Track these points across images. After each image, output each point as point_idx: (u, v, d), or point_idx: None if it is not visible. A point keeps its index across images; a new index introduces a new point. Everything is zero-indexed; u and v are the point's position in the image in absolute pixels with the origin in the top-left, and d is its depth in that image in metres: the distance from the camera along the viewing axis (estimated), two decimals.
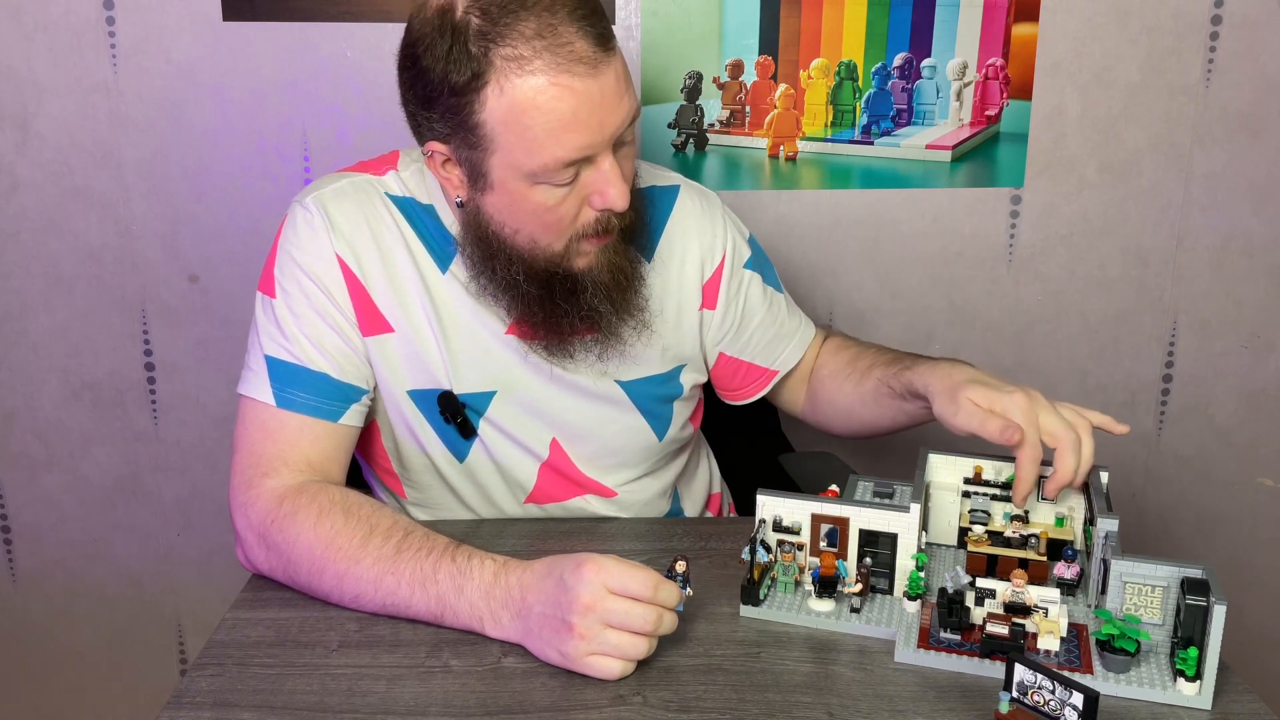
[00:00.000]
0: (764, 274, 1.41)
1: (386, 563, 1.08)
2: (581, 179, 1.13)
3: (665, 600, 1.00)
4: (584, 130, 1.09)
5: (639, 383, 1.33)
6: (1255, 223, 1.90)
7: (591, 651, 0.99)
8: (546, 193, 1.13)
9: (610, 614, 0.98)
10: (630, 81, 1.14)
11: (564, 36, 1.06)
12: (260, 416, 1.19)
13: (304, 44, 1.73)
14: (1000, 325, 1.93)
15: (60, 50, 1.72)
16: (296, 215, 1.23)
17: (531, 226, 1.16)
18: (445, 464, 1.30)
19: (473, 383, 1.26)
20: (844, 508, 1.11)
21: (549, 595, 1.01)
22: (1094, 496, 1.12)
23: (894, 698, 0.98)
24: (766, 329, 1.40)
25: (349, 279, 1.22)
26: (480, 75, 1.08)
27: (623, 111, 1.11)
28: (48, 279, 1.81)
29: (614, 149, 1.13)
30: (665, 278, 1.32)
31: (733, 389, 1.43)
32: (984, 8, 1.77)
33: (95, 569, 1.95)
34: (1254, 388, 1.97)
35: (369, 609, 1.10)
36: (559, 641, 1.00)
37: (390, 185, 1.26)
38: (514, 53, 1.06)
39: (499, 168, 1.12)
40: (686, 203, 1.35)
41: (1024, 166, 1.85)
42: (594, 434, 1.32)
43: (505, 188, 1.14)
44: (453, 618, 1.06)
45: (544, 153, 1.09)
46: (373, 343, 1.24)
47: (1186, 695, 0.97)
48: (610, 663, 0.99)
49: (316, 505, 1.13)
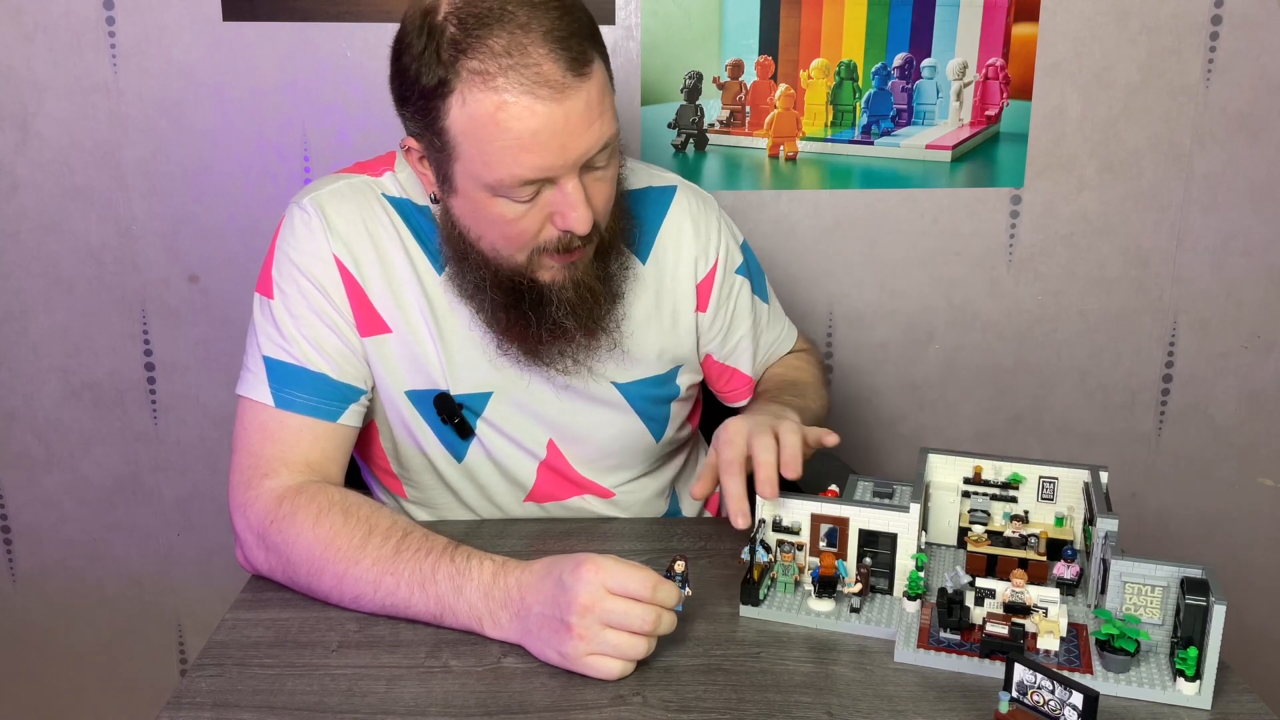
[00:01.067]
0: (753, 282, 1.42)
1: (385, 563, 1.08)
2: (543, 197, 1.12)
3: (664, 600, 1.00)
4: (543, 152, 1.08)
5: (636, 384, 1.33)
6: (1255, 223, 1.90)
7: (591, 652, 0.99)
8: (507, 206, 1.13)
9: (609, 614, 0.98)
10: (608, 108, 1.12)
11: (532, 57, 1.05)
12: (259, 418, 1.19)
13: (304, 44, 1.73)
14: (1000, 325, 1.93)
15: (60, 50, 1.72)
16: (294, 216, 1.23)
17: (492, 235, 1.16)
18: (444, 463, 1.30)
19: (469, 383, 1.27)
20: (844, 508, 1.11)
21: (548, 596, 1.01)
22: (1093, 496, 1.12)
23: (894, 698, 0.98)
24: (750, 338, 1.41)
25: (346, 280, 1.22)
26: (447, 83, 1.08)
27: (591, 138, 1.10)
28: (48, 279, 1.81)
29: (583, 172, 1.12)
30: (661, 278, 1.32)
31: (724, 391, 1.45)
32: (984, 8, 1.77)
33: (95, 569, 1.95)
34: (1254, 388, 1.97)
35: (368, 609, 1.10)
36: (558, 642, 1.00)
37: (387, 186, 1.26)
38: (480, 66, 1.06)
39: (461, 175, 1.13)
40: (683, 203, 1.35)
41: (1024, 166, 1.85)
42: (590, 436, 1.32)
43: (468, 195, 1.14)
44: (452, 618, 1.06)
45: (501, 169, 1.09)
46: (370, 343, 1.24)
47: (1186, 695, 0.97)
48: (610, 663, 0.99)
49: (315, 506, 1.13)
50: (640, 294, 1.30)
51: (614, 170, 1.18)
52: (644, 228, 1.31)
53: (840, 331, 1.92)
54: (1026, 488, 1.20)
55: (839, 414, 1.95)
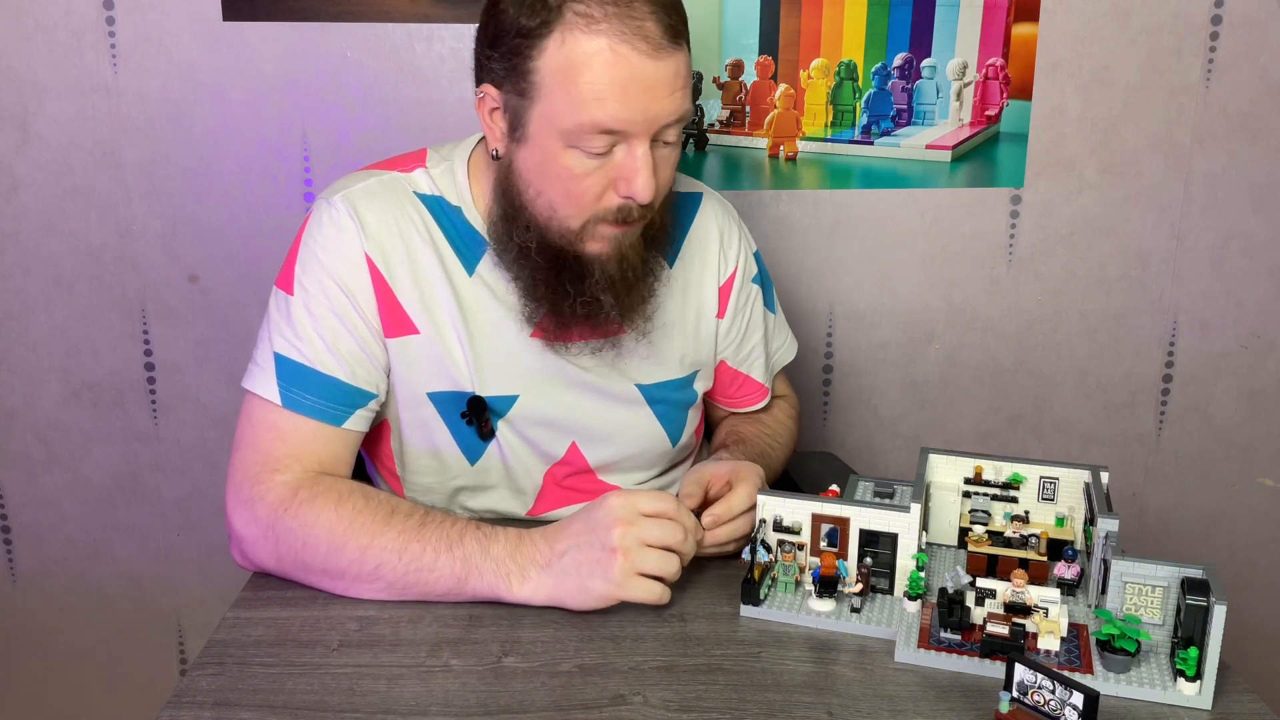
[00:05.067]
0: (765, 291, 1.45)
1: (412, 532, 1.11)
2: (613, 157, 1.13)
3: (687, 520, 1.09)
4: (627, 105, 1.10)
5: (658, 386, 1.33)
6: (1255, 223, 1.90)
7: (636, 570, 1.05)
8: (576, 159, 1.13)
9: (646, 531, 1.06)
10: (689, 86, 1.14)
11: (637, 12, 1.09)
12: (269, 416, 1.19)
13: (304, 44, 1.73)
14: (1000, 325, 1.93)
15: (60, 50, 1.72)
16: (323, 213, 1.22)
17: (554, 192, 1.16)
18: (455, 465, 1.29)
19: (496, 386, 1.26)
20: (844, 508, 1.11)
21: (579, 533, 1.08)
22: (1094, 496, 1.12)
23: (894, 698, 0.98)
24: (763, 346, 1.44)
25: (376, 280, 1.21)
26: (549, 23, 1.10)
27: (672, 105, 1.12)
28: (48, 279, 1.81)
29: (653, 143, 1.14)
30: (687, 283, 1.34)
31: (733, 397, 1.46)
32: (984, 8, 1.77)
33: (95, 569, 1.95)
34: (1254, 388, 1.97)
35: (388, 579, 1.10)
36: (602, 571, 1.05)
37: (419, 183, 1.26)
38: (586, 10, 1.09)
39: (538, 119, 1.13)
40: (709, 210, 1.37)
41: (1024, 166, 1.85)
42: (614, 437, 1.32)
43: (539, 142, 1.14)
44: (477, 578, 1.09)
45: (583, 112, 1.10)
46: (396, 344, 1.23)
47: (1186, 695, 0.97)
48: (651, 585, 1.06)
49: (336, 491, 1.14)
50: (668, 296, 1.32)
51: (678, 154, 1.20)
52: (672, 233, 1.32)
53: (840, 331, 1.92)
54: (1027, 488, 1.20)
55: (839, 414, 1.96)
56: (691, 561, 1.13)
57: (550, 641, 1.06)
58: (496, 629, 1.08)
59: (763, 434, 1.45)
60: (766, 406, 1.49)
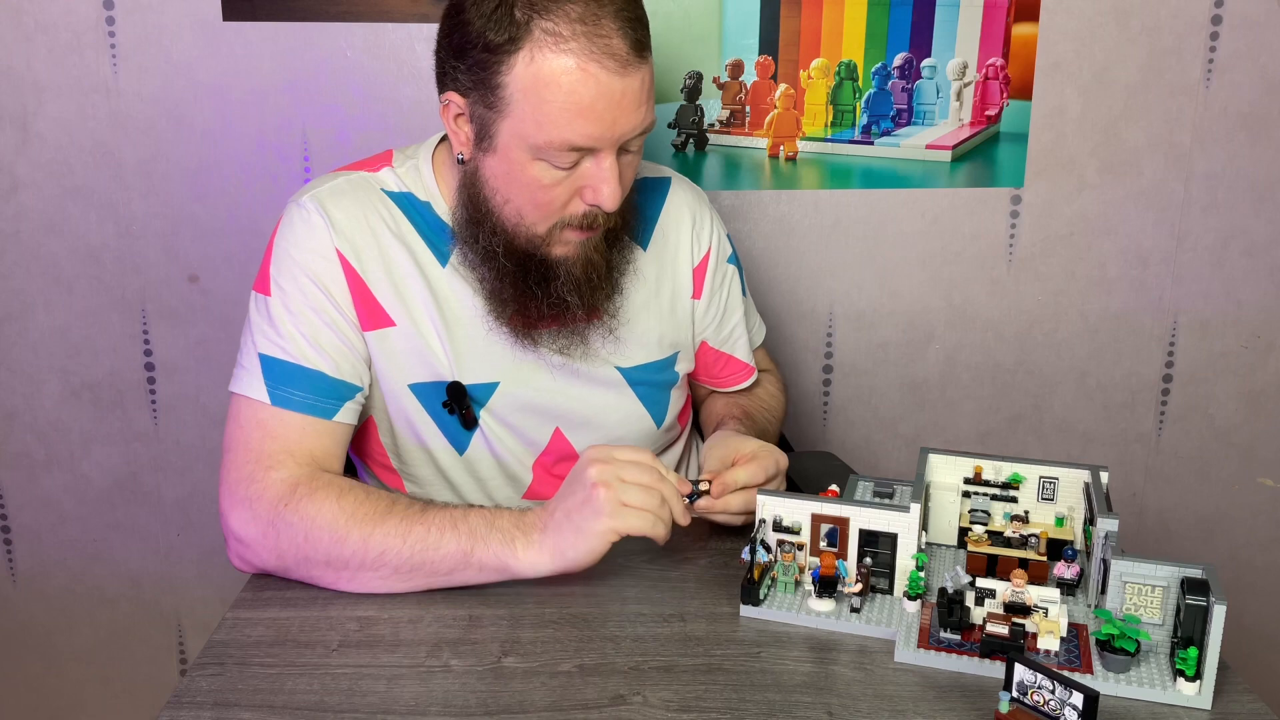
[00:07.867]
0: (740, 273, 1.47)
1: (415, 517, 1.12)
2: (580, 169, 1.16)
3: (661, 467, 1.12)
4: (596, 122, 1.11)
5: (639, 369, 1.35)
6: (1255, 223, 1.90)
7: (621, 501, 1.08)
8: (544, 170, 1.15)
9: (623, 469, 1.10)
10: (652, 96, 1.16)
11: (605, 29, 1.10)
12: (258, 415, 1.19)
13: (304, 44, 1.73)
14: (1000, 325, 1.93)
15: (60, 50, 1.72)
16: (293, 214, 1.24)
17: (521, 200, 1.18)
18: (445, 457, 1.31)
19: (476, 374, 1.28)
20: (844, 508, 1.11)
21: (564, 490, 1.13)
22: (1094, 496, 1.12)
23: (894, 698, 0.98)
24: (744, 325, 1.47)
25: (349, 275, 1.22)
26: (516, 40, 1.10)
27: (637, 118, 1.14)
28: (48, 279, 1.81)
29: (618, 152, 1.16)
30: (661, 264, 1.37)
31: (718, 377, 1.48)
32: (984, 8, 1.77)
33: (95, 569, 1.95)
34: (1254, 388, 1.97)
35: (393, 564, 1.11)
36: (591, 508, 1.08)
37: (386, 181, 1.28)
38: (554, 28, 1.09)
39: (506, 133, 1.15)
40: (679, 193, 1.40)
41: (1024, 166, 1.85)
42: (596, 420, 1.34)
43: (507, 154, 1.16)
44: (483, 548, 1.10)
45: (552, 130, 1.12)
46: (374, 337, 1.24)
47: (1186, 695, 0.97)
48: (642, 514, 1.09)
49: (337, 486, 1.15)
50: (643, 279, 1.34)
51: (639, 160, 1.23)
52: (644, 216, 1.35)
53: (840, 331, 1.92)
54: (1027, 488, 1.20)
55: (839, 414, 1.96)
56: (691, 561, 1.13)
57: (550, 641, 1.06)
58: (496, 629, 1.08)
59: (760, 408, 1.48)
60: (755, 383, 1.50)
